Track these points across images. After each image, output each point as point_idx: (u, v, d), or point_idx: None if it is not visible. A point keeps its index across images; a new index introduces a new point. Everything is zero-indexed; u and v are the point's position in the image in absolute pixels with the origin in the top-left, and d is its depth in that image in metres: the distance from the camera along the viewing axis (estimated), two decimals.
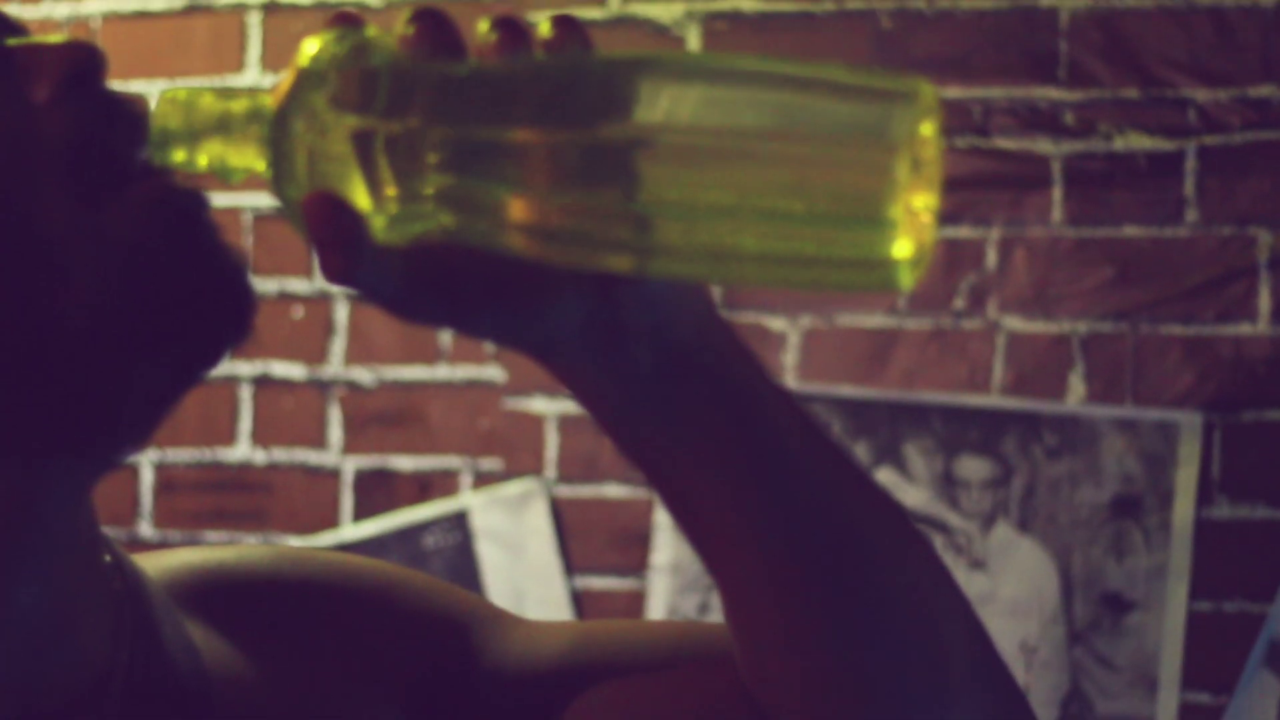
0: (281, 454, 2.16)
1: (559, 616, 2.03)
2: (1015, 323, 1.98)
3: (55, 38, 0.64)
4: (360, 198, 0.59)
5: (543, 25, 0.61)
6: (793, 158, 0.56)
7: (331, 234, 0.58)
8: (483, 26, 0.60)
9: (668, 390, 0.65)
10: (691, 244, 0.57)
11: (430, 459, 2.11)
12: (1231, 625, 1.90)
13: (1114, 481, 1.93)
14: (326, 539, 2.11)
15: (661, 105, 0.57)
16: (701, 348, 0.65)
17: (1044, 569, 1.95)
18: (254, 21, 2.19)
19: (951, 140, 1.99)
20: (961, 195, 1.98)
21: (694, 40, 2.06)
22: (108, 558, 0.70)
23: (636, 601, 2.02)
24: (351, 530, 2.11)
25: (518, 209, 0.58)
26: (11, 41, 0.64)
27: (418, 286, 0.60)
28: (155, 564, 0.76)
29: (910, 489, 1.97)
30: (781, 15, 2.05)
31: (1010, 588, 1.95)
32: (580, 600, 2.05)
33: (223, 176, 0.62)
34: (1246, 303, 1.92)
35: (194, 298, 0.62)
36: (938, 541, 1.97)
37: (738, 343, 0.67)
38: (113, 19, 2.24)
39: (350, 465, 2.14)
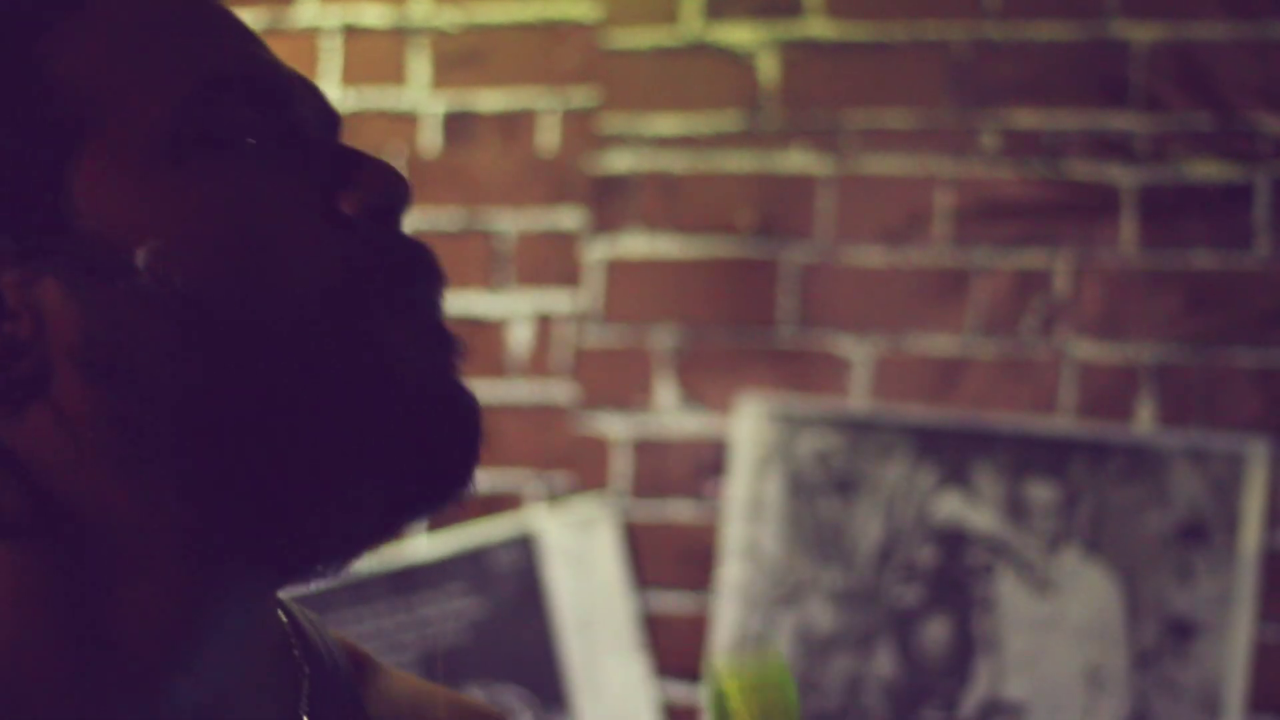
0: None
1: (626, 633, 2.04)
2: (1084, 349, 1.99)
3: (380, 158, 0.66)
4: None
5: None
6: None
7: None
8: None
9: None
10: None
11: (500, 476, 2.13)
12: None
13: (1181, 507, 1.94)
14: (397, 553, 2.13)
15: None
16: None
17: (1110, 593, 1.96)
18: (332, 45, 2.21)
19: (1023, 167, 2.00)
20: (1032, 222, 2.00)
21: (771, 68, 2.08)
22: (283, 618, 0.71)
23: (702, 619, 2.04)
24: (422, 545, 2.14)
25: None
26: (341, 144, 0.66)
27: None
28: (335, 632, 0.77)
29: (978, 512, 1.98)
30: (857, 44, 2.07)
31: (1076, 611, 1.96)
32: (646, 617, 2.07)
33: None
34: None
35: (438, 443, 0.64)
36: (1004, 565, 1.98)
37: None
38: None
39: None
